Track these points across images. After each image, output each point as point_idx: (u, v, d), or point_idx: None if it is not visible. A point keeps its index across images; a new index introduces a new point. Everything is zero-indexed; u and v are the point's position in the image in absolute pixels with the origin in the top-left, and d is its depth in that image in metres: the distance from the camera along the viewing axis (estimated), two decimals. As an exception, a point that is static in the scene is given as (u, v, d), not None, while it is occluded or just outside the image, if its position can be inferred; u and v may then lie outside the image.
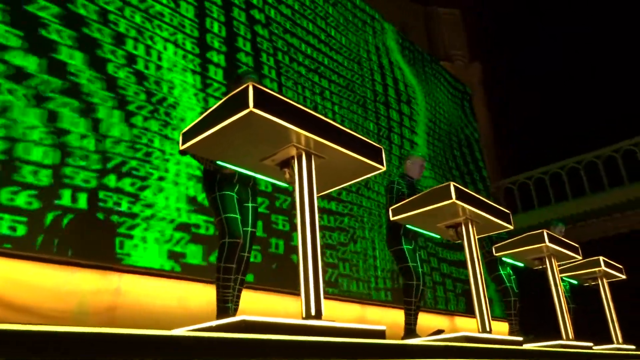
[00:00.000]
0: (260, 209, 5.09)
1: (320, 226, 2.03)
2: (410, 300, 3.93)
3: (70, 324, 2.55)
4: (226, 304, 2.83)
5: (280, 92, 3.98)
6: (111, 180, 4.03)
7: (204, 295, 4.06)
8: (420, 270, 4.03)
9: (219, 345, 1.32)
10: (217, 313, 2.82)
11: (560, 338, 3.54)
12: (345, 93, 7.17)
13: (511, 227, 3.30)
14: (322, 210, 5.92)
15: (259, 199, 4.16)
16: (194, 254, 4.42)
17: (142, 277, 4.07)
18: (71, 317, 3.47)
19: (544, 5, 12.35)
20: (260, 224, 5.05)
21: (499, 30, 12.68)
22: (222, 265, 2.84)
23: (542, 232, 3.61)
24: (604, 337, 4.32)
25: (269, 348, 1.43)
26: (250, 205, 3.08)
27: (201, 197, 4.56)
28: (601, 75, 11.15)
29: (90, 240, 3.87)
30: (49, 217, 3.60)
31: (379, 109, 7.86)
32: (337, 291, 5.75)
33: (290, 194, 5.49)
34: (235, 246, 2.85)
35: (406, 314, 3.96)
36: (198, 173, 4.58)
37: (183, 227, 4.41)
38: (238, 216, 2.92)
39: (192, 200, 4.55)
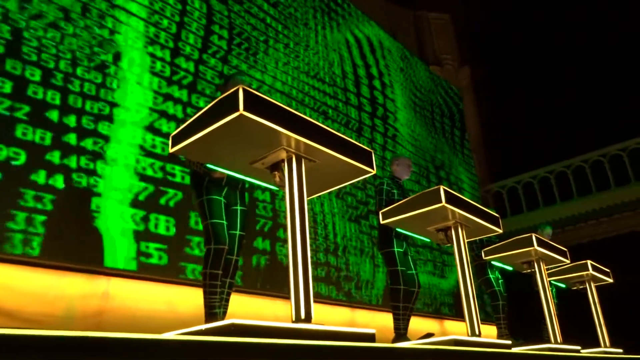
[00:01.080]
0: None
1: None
2: (398, 305, 3.87)
3: (57, 328, 2.52)
4: (213, 310, 2.82)
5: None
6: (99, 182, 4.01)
7: (193, 299, 4.03)
8: (411, 272, 4.00)
9: (208, 348, 1.31)
10: (206, 319, 2.80)
11: (549, 341, 3.56)
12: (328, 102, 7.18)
13: (500, 231, 3.31)
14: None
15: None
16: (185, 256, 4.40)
17: (131, 281, 4.04)
18: (58, 321, 3.44)
19: (534, 9, 12.45)
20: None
21: (489, 34, 12.77)
22: (207, 271, 2.83)
23: (531, 235, 3.62)
24: (592, 341, 4.35)
25: (258, 351, 1.42)
26: (238, 208, 3.07)
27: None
28: (589, 80, 11.25)
29: (78, 244, 3.84)
30: (38, 219, 3.57)
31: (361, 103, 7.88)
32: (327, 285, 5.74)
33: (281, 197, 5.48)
34: (221, 252, 2.84)
35: (394, 319, 3.90)
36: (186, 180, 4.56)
37: (174, 227, 4.39)
38: (224, 222, 2.91)
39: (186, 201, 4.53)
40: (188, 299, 4.14)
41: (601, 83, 11.09)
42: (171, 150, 1.98)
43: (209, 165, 2.75)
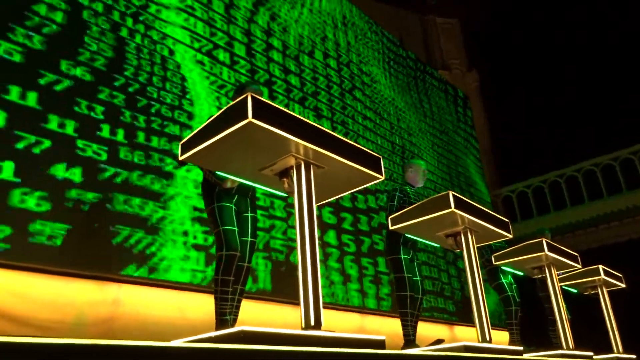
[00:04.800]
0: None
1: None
2: (406, 312, 3.87)
3: (68, 335, 2.54)
4: (224, 317, 2.82)
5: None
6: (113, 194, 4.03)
7: (204, 305, 4.04)
8: (416, 279, 4.00)
9: (217, 356, 1.31)
10: (216, 326, 2.81)
11: (559, 347, 3.53)
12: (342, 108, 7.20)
13: (510, 236, 3.29)
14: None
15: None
16: (194, 263, 4.40)
17: (142, 288, 4.05)
18: (69, 328, 3.45)
19: (541, 14, 12.42)
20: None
21: (497, 39, 12.75)
22: (219, 278, 2.84)
23: (542, 240, 3.60)
24: (604, 346, 4.30)
25: (268, 359, 1.42)
26: (249, 215, 3.08)
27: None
28: (599, 84, 11.19)
29: (89, 251, 3.86)
30: (48, 228, 3.60)
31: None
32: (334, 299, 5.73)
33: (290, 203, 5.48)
34: (233, 259, 2.85)
35: (403, 325, 3.90)
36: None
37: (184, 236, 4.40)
38: (236, 228, 2.92)
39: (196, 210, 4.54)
40: (199, 305, 4.15)
41: (613, 86, 11.03)
42: (180, 158, 1.99)
43: (218, 174, 2.77)
